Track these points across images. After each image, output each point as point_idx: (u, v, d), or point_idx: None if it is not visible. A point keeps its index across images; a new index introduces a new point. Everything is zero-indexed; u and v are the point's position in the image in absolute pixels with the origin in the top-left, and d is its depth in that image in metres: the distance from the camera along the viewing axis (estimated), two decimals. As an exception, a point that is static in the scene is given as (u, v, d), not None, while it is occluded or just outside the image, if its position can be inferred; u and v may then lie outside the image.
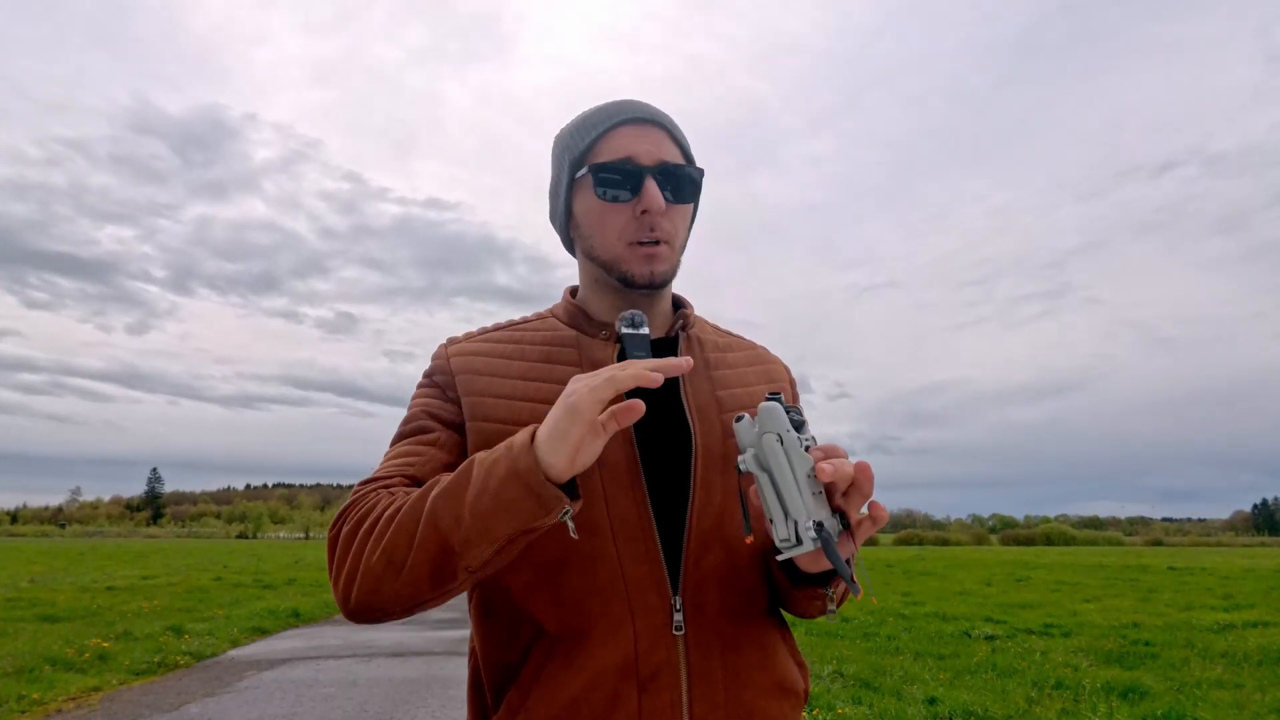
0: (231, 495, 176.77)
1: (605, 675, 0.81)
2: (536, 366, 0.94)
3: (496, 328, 1.02)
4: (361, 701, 5.60)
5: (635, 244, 0.91)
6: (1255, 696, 5.88)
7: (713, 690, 0.83)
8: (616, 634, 0.82)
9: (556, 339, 0.97)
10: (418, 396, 0.97)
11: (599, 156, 0.92)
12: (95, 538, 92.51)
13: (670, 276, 0.95)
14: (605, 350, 0.94)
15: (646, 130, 0.93)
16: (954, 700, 5.64)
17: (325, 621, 10.73)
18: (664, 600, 0.83)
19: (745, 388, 0.99)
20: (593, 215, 0.94)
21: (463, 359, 0.96)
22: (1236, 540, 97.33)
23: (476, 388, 0.92)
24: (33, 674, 6.26)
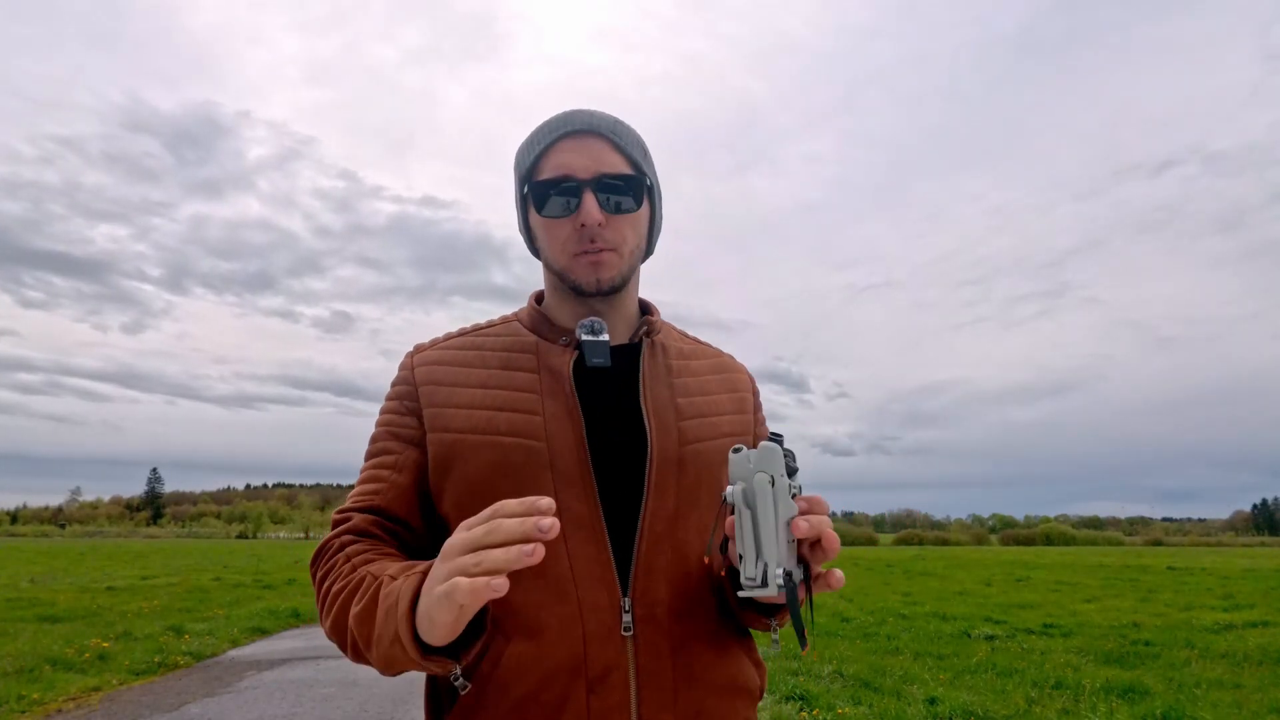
0: (231, 495, 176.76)
1: (555, 675, 0.82)
2: (495, 374, 0.95)
3: (461, 333, 1.03)
4: (361, 701, 5.60)
5: (580, 254, 0.93)
6: (1255, 696, 5.88)
7: (661, 691, 0.84)
8: (566, 634, 0.83)
9: (517, 345, 0.98)
10: (383, 410, 0.99)
11: (541, 173, 0.94)
12: (95, 538, 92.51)
13: (619, 282, 0.96)
14: (562, 356, 0.95)
15: (586, 142, 0.93)
16: (954, 700, 5.64)
17: (325, 621, 10.73)
18: (614, 601, 0.85)
19: (706, 396, 1.00)
20: (540, 230, 0.97)
21: (426, 369, 0.97)
22: (1236, 540, 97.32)
23: (438, 399, 0.94)
24: (33, 674, 6.26)
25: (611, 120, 0.96)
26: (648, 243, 1.02)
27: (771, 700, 5.76)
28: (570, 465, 0.88)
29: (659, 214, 1.03)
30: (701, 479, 0.93)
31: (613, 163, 0.93)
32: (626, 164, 0.95)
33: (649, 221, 1.00)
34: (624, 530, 0.88)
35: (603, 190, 0.92)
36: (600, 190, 0.92)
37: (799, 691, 5.89)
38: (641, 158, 0.97)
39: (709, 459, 0.94)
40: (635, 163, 0.96)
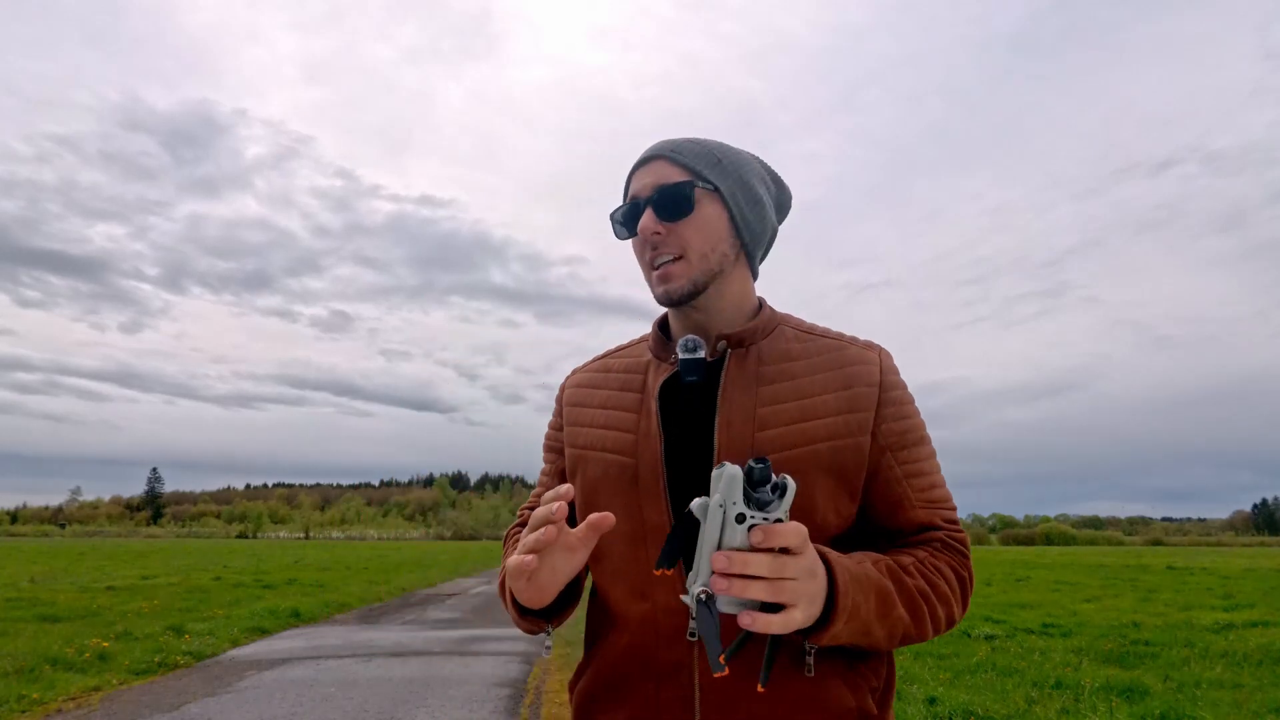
0: (231, 495, 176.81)
1: (631, 665, 0.96)
2: (613, 394, 1.06)
3: (605, 354, 1.16)
4: (361, 701, 5.61)
5: (651, 269, 1.01)
6: (1255, 696, 5.89)
7: (723, 697, 0.90)
8: (643, 631, 0.95)
9: (635, 365, 1.08)
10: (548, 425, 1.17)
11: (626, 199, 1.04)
12: (95, 538, 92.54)
13: (690, 288, 0.98)
14: (659, 374, 1.03)
15: (649, 167, 1.01)
16: (954, 700, 5.65)
17: (325, 621, 10.73)
18: (683, 605, 0.91)
19: (803, 400, 0.96)
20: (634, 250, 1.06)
21: (570, 391, 1.13)
22: (1236, 540, 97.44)
23: (572, 417, 1.09)
24: (33, 674, 6.26)
25: (678, 141, 1.02)
26: (742, 243, 1.02)
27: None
28: (649, 479, 0.96)
29: (751, 218, 1.02)
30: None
31: (669, 176, 0.99)
32: (682, 173, 0.99)
33: (729, 222, 1.00)
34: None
35: (658, 203, 0.98)
36: (657, 203, 0.98)
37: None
38: (707, 166, 0.99)
39: (794, 468, 0.91)
40: (692, 169, 0.99)
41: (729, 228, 1.00)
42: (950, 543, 0.96)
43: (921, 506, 0.97)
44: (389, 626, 10.10)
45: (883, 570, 0.87)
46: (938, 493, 0.99)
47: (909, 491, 0.97)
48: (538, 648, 8.14)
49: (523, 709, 5.43)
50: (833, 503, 0.93)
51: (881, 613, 0.84)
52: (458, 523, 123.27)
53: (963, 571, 0.95)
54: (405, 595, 15.13)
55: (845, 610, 0.80)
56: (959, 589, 0.94)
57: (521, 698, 5.78)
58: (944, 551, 0.95)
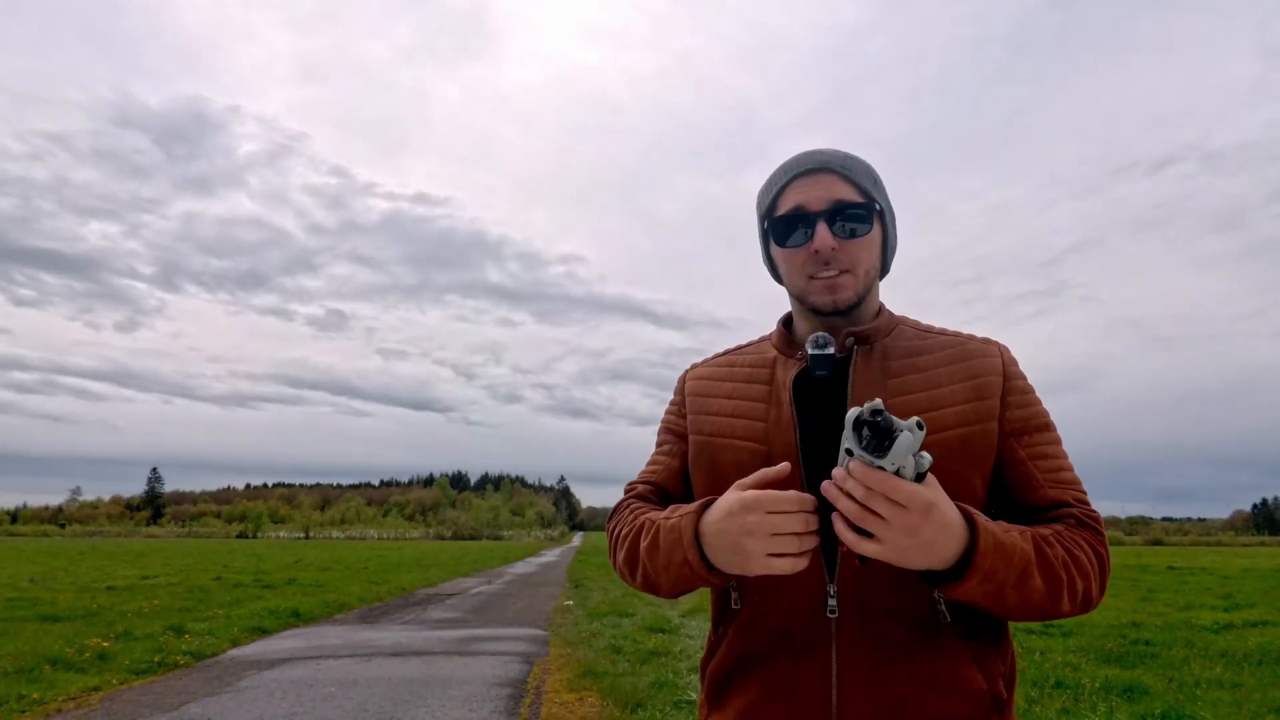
0: (231, 495, 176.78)
1: (768, 642, 1.01)
2: (740, 386, 1.13)
3: (725, 352, 1.24)
4: (361, 701, 5.61)
5: (814, 278, 1.06)
6: (1255, 696, 5.88)
7: (861, 673, 0.96)
8: (780, 611, 1.01)
9: (760, 361, 1.15)
10: (665, 414, 1.25)
11: (777, 210, 1.08)
12: (95, 538, 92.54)
13: (854, 300, 1.07)
14: (790, 369, 1.09)
15: (818, 178, 1.06)
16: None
17: (325, 621, 10.73)
18: (820, 584, 0.98)
19: (930, 391, 1.03)
20: (780, 260, 1.12)
21: (693, 383, 1.20)
22: (1236, 540, 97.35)
23: (697, 406, 1.16)
24: (33, 674, 6.26)
25: (841, 155, 1.08)
26: (882, 262, 1.13)
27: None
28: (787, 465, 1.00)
29: (892, 235, 1.13)
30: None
31: (844, 193, 1.05)
32: (857, 193, 1.06)
33: (882, 242, 1.11)
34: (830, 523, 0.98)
35: (835, 219, 1.04)
36: (832, 219, 1.04)
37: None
38: (872, 186, 1.08)
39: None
40: (865, 191, 1.06)
41: (881, 245, 1.11)
42: (1085, 520, 0.99)
43: (1051, 486, 1.01)
44: (389, 626, 10.09)
45: (1027, 539, 0.90)
46: (1067, 475, 1.04)
47: (1037, 473, 1.02)
48: (538, 648, 8.15)
49: (523, 709, 5.43)
50: (966, 486, 0.99)
51: (1019, 581, 0.88)
52: (458, 523, 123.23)
53: (1100, 549, 0.97)
54: (405, 595, 15.13)
55: (981, 571, 0.85)
56: (1098, 566, 0.96)
57: (521, 698, 5.78)
58: (1079, 528, 0.98)
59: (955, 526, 0.84)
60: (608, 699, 5.62)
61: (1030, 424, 1.04)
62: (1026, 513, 1.01)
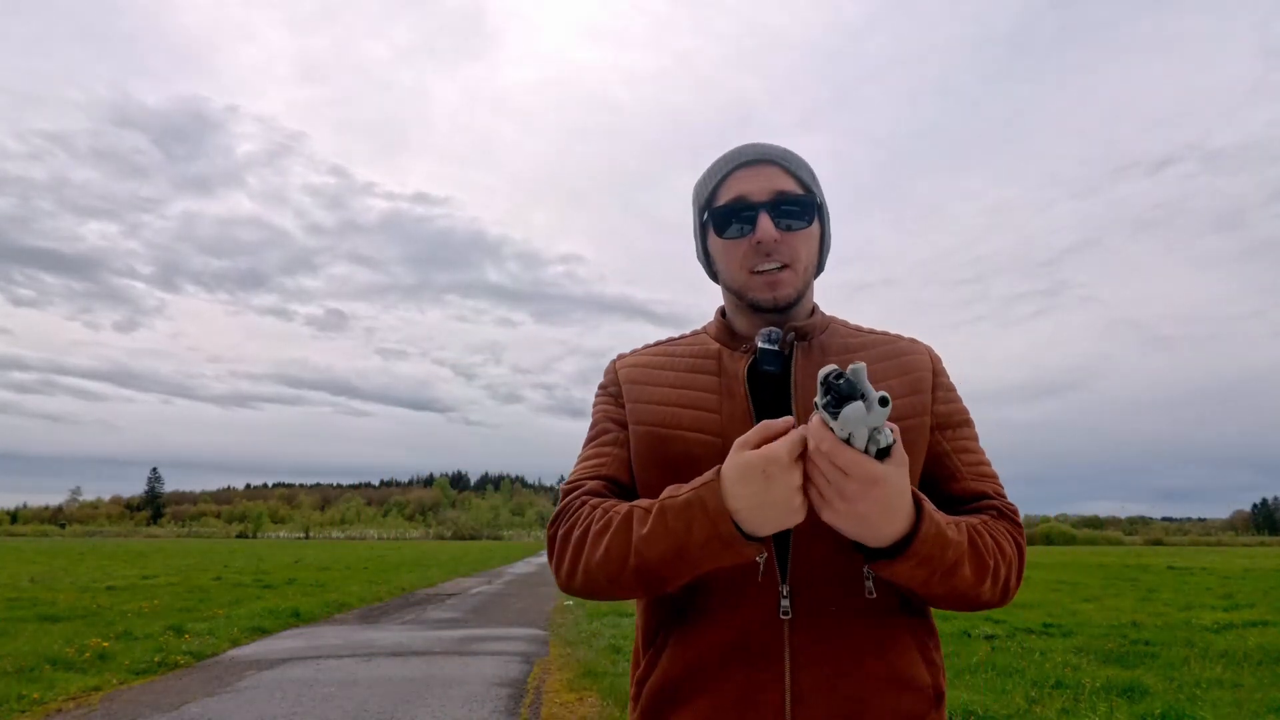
0: (231, 495, 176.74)
1: (718, 649, 0.95)
2: (683, 376, 1.09)
3: (657, 344, 1.19)
4: (361, 701, 5.61)
5: (756, 272, 1.04)
6: (1255, 696, 5.88)
7: (817, 674, 0.93)
8: (731, 616, 0.95)
9: (702, 352, 1.11)
10: (596, 407, 1.15)
11: (718, 200, 1.06)
12: (95, 538, 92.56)
13: (794, 297, 1.06)
14: (739, 362, 1.06)
15: (760, 169, 1.05)
16: (954, 700, 5.65)
17: (325, 621, 10.73)
18: (773, 586, 0.95)
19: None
20: (719, 252, 1.09)
21: (627, 370, 1.14)
22: (1236, 540, 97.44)
23: (637, 395, 1.09)
24: (33, 674, 6.26)
25: (782, 149, 1.08)
26: (819, 259, 1.12)
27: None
28: None
29: (829, 233, 1.12)
30: None
31: (786, 184, 1.04)
32: (799, 185, 1.06)
33: (820, 235, 1.10)
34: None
35: (777, 211, 1.03)
36: (774, 211, 1.03)
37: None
38: (811, 181, 1.08)
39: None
40: (806, 184, 1.07)
41: (819, 240, 1.10)
42: (1005, 511, 1.02)
43: (973, 479, 1.06)
44: (389, 626, 10.09)
45: (963, 530, 0.91)
46: (987, 469, 1.08)
47: (960, 465, 1.06)
48: (538, 648, 8.15)
49: (523, 709, 5.43)
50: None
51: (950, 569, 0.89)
52: (458, 522, 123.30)
53: (1020, 540, 1.00)
54: (405, 595, 15.13)
55: (917, 556, 0.86)
56: (1018, 556, 0.98)
57: (521, 697, 5.78)
58: (1000, 519, 1.01)
59: (899, 509, 0.82)
60: (608, 699, 5.62)
61: (954, 418, 1.08)
62: (948, 503, 1.03)
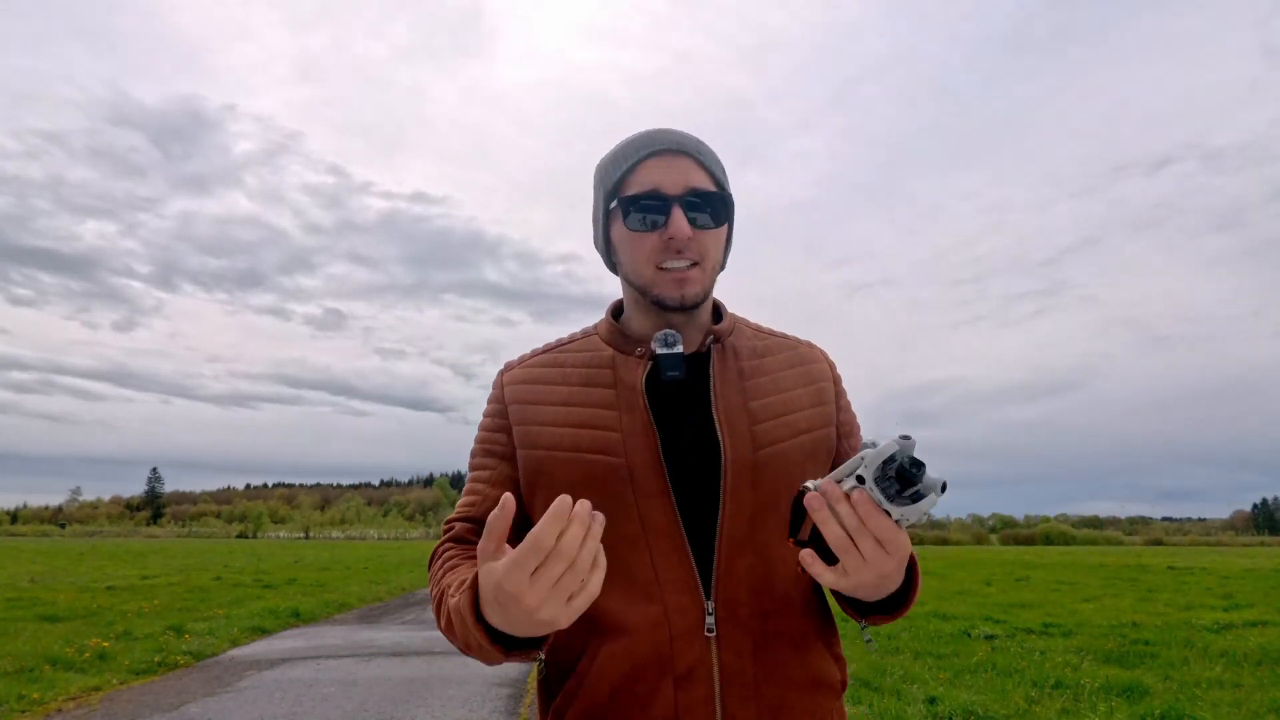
0: (231, 495, 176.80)
1: (644, 671, 0.90)
2: (576, 391, 1.00)
3: (546, 349, 1.09)
4: (361, 701, 5.61)
5: (663, 269, 0.97)
6: (1255, 696, 5.89)
7: (743, 687, 0.90)
8: (654, 634, 0.90)
9: (595, 360, 1.03)
10: (480, 427, 1.07)
11: (629, 188, 0.98)
12: (95, 538, 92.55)
13: (702, 298, 1.00)
14: (636, 371, 0.99)
15: (674, 160, 0.98)
16: (954, 700, 5.65)
17: (325, 621, 10.73)
18: (697, 603, 0.91)
19: (781, 394, 1.02)
20: (625, 243, 1.00)
21: (514, 387, 1.04)
22: (1236, 540, 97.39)
23: (525, 417, 1.01)
24: (33, 674, 6.26)
25: (695, 140, 1.01)
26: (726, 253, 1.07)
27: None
28: (648, 478, 0.93)
29: (733, 230, 1.07)
30: (780, 481, 0.95)
31: (699, 180, 0.98)
32: (712, 181, 0.99)
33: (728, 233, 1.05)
34: (705, 537, 0.93)
35: (690, 206, 0.96)
36: (687, 206, 0.96)
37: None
38: (723, 177, 1.02)
39: (787, 460, 0.97)
40: (719, 181, 1.01)
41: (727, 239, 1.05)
42: None
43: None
44: (389, 626, 10.09)
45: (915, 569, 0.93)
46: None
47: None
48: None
49: (523, 709, 5.44)
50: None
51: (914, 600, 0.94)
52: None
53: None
54: (405, 595, 15.13)
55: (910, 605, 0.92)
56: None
57: (521, 697, 5.78)
58: None
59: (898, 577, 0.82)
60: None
61: (852, 426, 1.09)
62: None
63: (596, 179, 1.05)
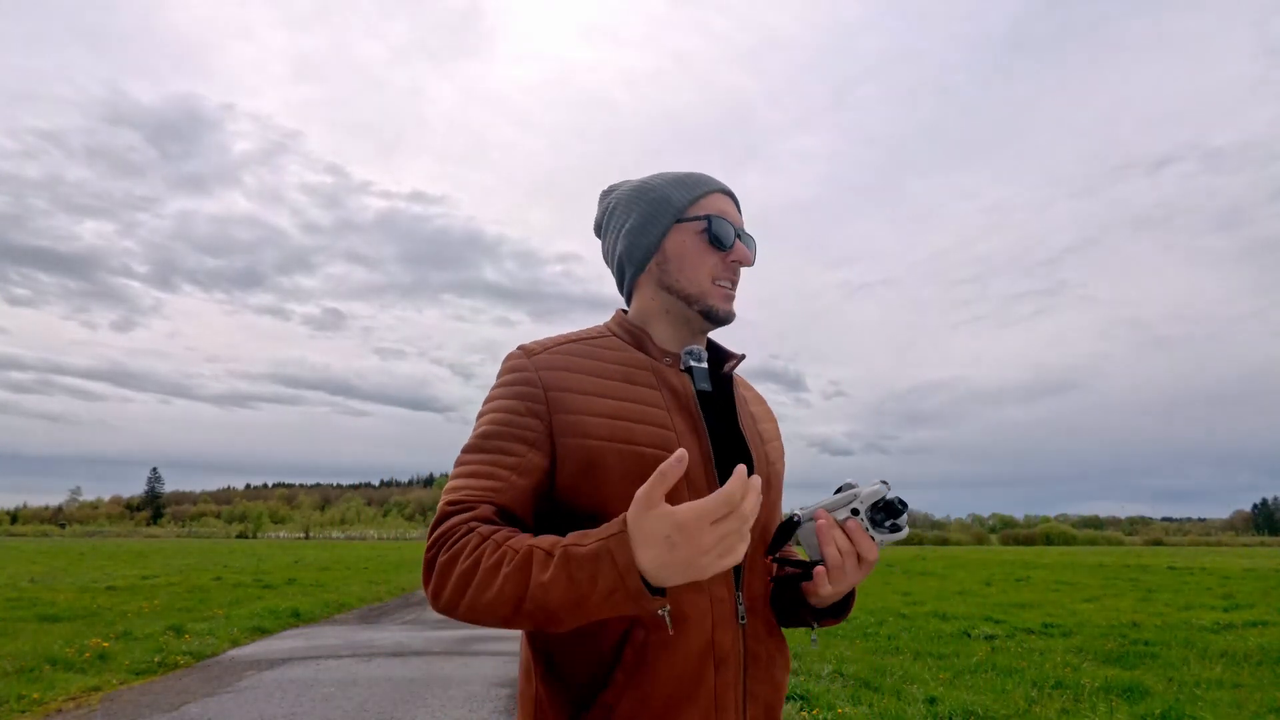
0: (231, 495, 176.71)
1: (693, 656, 0.96)
2: (621, 386, 1.04)
3: (566, 339, 1.10)
4: (361, 701, 5.61)
5: (718, 284, 1.10)
6: (1255, 696, 5.89)
7: (761, 669, 1.03)
8: (702, 622, 0.97)
9: (631, 360, 1.08)
10: (499, 408, 1.01)
11: (703, 210, 1.11)
12: (95, 538, 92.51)
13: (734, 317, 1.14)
14: (680, 378, 1.08)
15: (730, 202, 1.15)
16: (954, 700, 5.65)
17: (325, 621, 10.73)
18: (731, 594, 1.01)
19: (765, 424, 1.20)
20: (691, 255, 1.10)
21: (552, 373, 1.03)
22: (1236, 540, 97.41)
23: (574, 405, 1.00)
24: (33, 674, 6.26)
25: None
26: None
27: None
28: (699, 479, 1.01)
29: None
30: (777, 496, 1.15)
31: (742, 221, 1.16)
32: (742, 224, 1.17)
33: None
34: None
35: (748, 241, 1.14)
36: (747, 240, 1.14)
37: (799, 691, 5.90)
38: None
39: (779, 480, 1.16)
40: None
41: None
42: None
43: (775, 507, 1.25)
44: (389, 626, 10.09)
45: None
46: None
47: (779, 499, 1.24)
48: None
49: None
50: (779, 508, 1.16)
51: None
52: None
53: None
54: (405, 595, 15.13)
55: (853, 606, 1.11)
56: None
57: (521, 698, 5.78)
58: None
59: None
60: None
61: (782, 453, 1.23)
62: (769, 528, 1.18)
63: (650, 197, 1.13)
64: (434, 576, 0.90)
